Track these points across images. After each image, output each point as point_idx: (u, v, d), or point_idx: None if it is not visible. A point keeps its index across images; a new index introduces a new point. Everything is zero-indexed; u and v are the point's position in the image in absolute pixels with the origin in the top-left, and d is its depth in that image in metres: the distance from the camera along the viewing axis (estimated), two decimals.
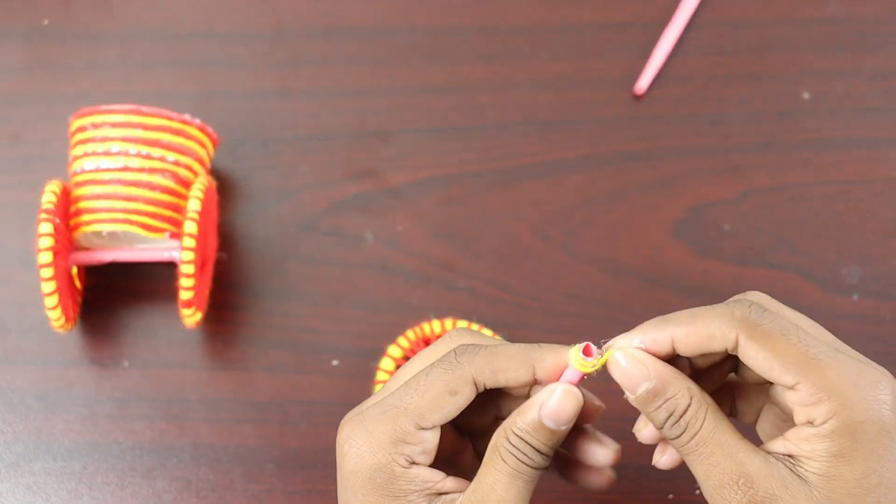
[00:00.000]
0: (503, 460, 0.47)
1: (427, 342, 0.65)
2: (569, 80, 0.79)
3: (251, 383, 0.70)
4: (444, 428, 0.50)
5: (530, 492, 0.48)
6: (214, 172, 0.74)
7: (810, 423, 0.44)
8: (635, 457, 0.68)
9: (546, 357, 0.48)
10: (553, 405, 0.47)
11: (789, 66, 0.79)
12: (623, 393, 0.47)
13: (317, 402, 0.69)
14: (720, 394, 0.51)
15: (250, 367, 0.71)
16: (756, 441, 0.47)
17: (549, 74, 0.79)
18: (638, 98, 0.78)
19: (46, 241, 0.63)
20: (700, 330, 0.46)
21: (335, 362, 0.70)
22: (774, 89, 0.79)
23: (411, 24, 0.81)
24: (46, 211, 0.64)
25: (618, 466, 0.53)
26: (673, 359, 0.48)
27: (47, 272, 0.63)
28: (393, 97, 0.79)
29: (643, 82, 0.78)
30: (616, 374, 0.47)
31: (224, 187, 0.75)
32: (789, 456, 0.45)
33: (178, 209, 0.67)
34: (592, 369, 0.47)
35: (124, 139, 0.67)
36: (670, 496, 0.67)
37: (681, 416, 0.46)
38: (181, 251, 0.64)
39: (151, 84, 0.79)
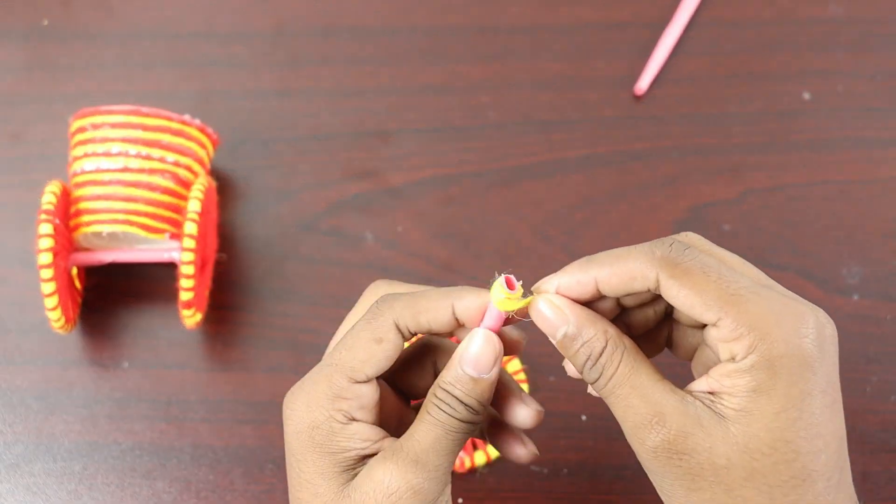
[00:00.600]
0: (428, 412, 0.48)
1: None
2: (569, 80, 0.79)
3: (251, 384, 0.70)
4: (385, 393, 0.50)
5: (455, 445, 0.48)
6: (214, 172, 0.74)
7: (732, 359, 0.43)
8: (635, 457, 0.68)
9: (465, 296, 0.48)
10: (471, 352, 0.48)
11: (789, 66, 0.79)
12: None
13: None
14: (657, 329, 0.50)
15: (250, 367, 0.71)
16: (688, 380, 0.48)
17: (549, 74, 0.79)
18: (638, 98, 0.78)
19: (46, 242, 0.63)
20: (622, 270, 0.46)
21: None
22: (774, 89, 0.79)
23: (411, 24, 0.81)
24: (46, 211, 0.64)
25: (624, 467, 0.53)
26: (601, 300, 0.48)
27: (47, 273, 0.63)
28: (393, 97, 0.79)
29: (643, 82, 0.78)
30: (537, 319, 0.47)
31: (224, 187, 0.75)
32: (710, 393, 0.44)
33: (178, 210, 0.67)
34: (514, 307, 0.47)
35: (124, 140, 0.67)
36: None
37: (597, 360, 0.46)
38: (181, 252, 0.64)
39: (151, 84, 0.79)
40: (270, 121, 0.78)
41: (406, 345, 0.50)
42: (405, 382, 0.53)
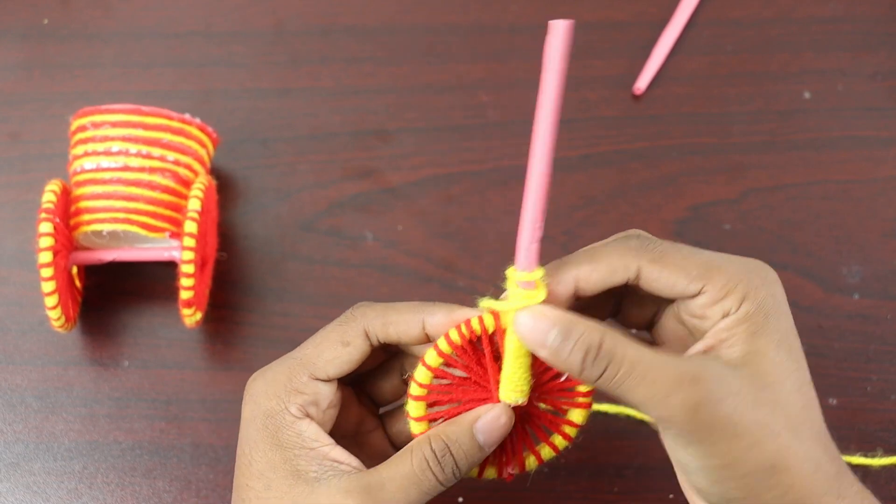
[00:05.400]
0: (411, 462, 0.48)
1: (473, 343, 0.50)
2: (569, 79, 0.79)
3: None
4: (348, 401, 0.52)
5: (420, 501, 0.48)
6: (214, 172, 0.74)
7: (725, 315, 0.47)
8: (635, 457, 0.68)
9: (436, 312, 0.50)
10: (487, 420, 0.49)
11: (789, 66, 0.79)
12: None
13: None
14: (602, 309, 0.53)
15: (250, 367, 0.69)
16: None
17: None
18: (637, 97, 0.78)
19: (46, 241, 0.63)
20: (601, 266, 0.48)
21: None
22: (775, 88, 0.79)
23: (411, 22, 0.81)
24: (46, 210, 0.64)
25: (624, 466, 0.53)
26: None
27: (47, 272, 0.63)
28: (392, 96, 0.79)
29: (642, 82, 0.78)
30: (522, 332, 0.47)
31: (224, 187, 0.75)
32: (707, 350, 0.47)
33: (179, 209, 0.67)
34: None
35: (124, 139, 0.67)
36: (671, 496, 0.67)
37: (597, 352, 0.46)
38: (181, 251, 0.64)
39: (150, 83, 0.79)
40: (270, 120, 0.78)
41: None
42: (371, 386, 0.54)
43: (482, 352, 0.49)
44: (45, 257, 0.63)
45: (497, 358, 0.49)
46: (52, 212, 0.64)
